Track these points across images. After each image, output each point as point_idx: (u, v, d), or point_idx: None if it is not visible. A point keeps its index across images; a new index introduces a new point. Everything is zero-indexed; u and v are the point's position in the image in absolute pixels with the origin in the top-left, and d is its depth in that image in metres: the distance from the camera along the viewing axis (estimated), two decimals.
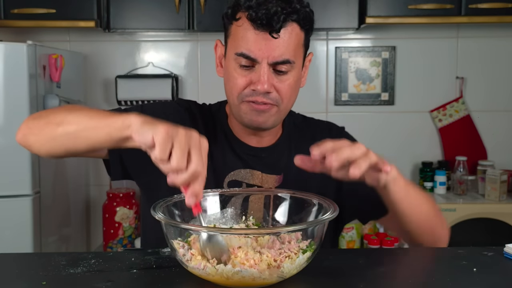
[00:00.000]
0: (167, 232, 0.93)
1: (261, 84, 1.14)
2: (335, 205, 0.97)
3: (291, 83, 1.18)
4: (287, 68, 1.16)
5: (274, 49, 1.13)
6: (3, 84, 2.19)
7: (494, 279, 0.95)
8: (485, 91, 2.97)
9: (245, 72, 1.17)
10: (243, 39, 1.15)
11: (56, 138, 1.05)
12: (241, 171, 1.25)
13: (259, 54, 1.14)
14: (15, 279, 0.97)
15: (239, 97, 1.18)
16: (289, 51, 1.15)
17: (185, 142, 0.87)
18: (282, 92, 1.17)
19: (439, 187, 2.79)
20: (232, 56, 1.17)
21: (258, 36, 1.13)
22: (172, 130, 0.88)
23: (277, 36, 1.12)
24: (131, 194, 2.73)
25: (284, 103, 1.20)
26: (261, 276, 0.86)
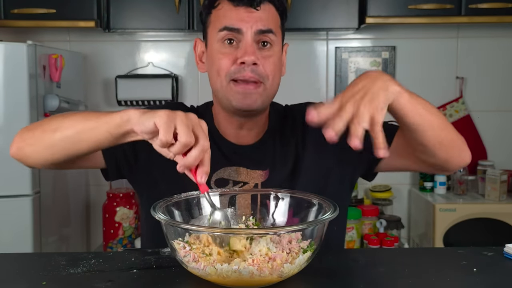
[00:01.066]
0: (167, 232, 0.93)
1: (248, 55, 1.17)
2: (335, 205, 0.97)
3: (274, 60, 1.21)
4: (271, 39, 1.19)
5: (257, 19, 1.18)
6: (3, 84, 2.19)
7: (494, 279, 0.95)
8: (485, 91, 2.97)
9: (230, 49, 1.19)
10: (224, 17, 1.19)
11: (55, 144, 1.05)
12: (227, 169, 1.25)
13: (243, 24, 1.18)
14: (15, 279, 0.97)
15: (227, 76, 1.20)
16: (271, 23, 1.20)
17: (187, 121, 0.90)
18: (267, 68, 1.19)
19: (439, 187, 2.79)
20: (216, 37, 1.20)
21: (239, 10, 1.18)
22: (171, 112, 0.90)
23: (258, 8, 1.18)
24: (131, 194, 2.72)
25: (270, 81, 1.21)
26: (260, 276, 0.86)
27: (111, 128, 0.97)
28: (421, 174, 2.89)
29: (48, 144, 1.06)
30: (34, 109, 2.24)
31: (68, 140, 1.04)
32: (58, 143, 1.05)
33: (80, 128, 1.02)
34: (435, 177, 2.81)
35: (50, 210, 2.40)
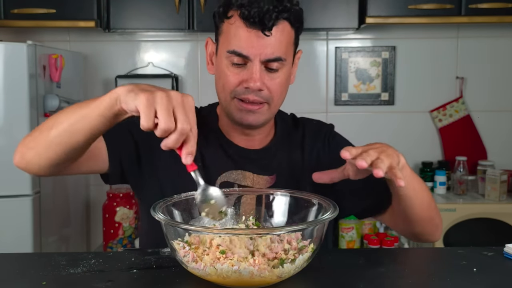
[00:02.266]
0: (167, 232, 0.93)
1: (253, 82, 1.16)
2: (335, 205, 0.97)
3: (281, 80, 1.20)
4: (278, 66, 1.18)
5: (266, 46, 1.15)
6: (3, 84, 2.19)
7: (494, 279, 0.95)
8: (485, 91, 2.97)
9: (237, 70, 1.18)
10: (235, 37, 1.16)
11: (53, 141, 1.04)
12: (232, 172, 1.25)
13: (251, 52, 1.15)
14: (15, 279, 0.97)
15: (231, 94, 1.19)
16: (280, 49, 1.16)
17: (167, 103, 0.88)
18: (273, 90, 1.19)
19: (439, 187, 2.79)
20: (224, 54, 1.18)
21: (251, 34, 1.14)
22: (152, 96, 0.89)
23: (269, 34, 1.14)
24: (131, 194, 2.72)
25: (275, 101, 1.21)
26: (260, 276, 0.86)
27: (102, 111, 0.96)
28: (421, 174, 2.89)
29: (47, 142, 1.05)
30: (34, 109, 2.24)
31: (64, 134, 1.03)
32: (56, 139, 1.04)
33: (74, 119, 1.01)
34: (435, 177, 2.81)
35: (50, 210, 2.40)
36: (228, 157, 1.26)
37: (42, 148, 1.07)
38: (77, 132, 1.01)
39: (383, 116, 3.00)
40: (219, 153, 1.27)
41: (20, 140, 1.16)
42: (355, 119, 2.97)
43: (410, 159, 3.00)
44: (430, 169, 2.86)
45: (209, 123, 1.30)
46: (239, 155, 1.27)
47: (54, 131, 1.03)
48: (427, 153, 2.98)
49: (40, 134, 1.07)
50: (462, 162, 2.80)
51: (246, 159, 1.27)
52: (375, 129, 2.97)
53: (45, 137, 1.05)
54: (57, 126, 1.03)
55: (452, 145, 2.96)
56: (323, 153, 1.31)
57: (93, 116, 0.98)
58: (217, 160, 1.26)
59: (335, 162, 1.17)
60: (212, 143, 1.27)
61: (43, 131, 1.06)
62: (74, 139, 1.03)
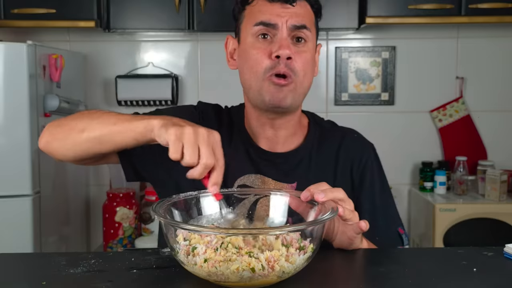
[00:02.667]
0: (166, 233, 0.93)
1: (282, 49, 1.17)
2: (335, 205, 0.97)
3: (307, 56, 1.21)
4: (305, 35, 1.20)
5: (292, 15, 1.19)
6: (3, 84, 2.19)
7: (494, 279, 0.95)
8: (485, 91, 2.98)
9: (265, 44, 1.19)
10: (260, 12, 1.20)
11: (82, 144, 1.11)
12: (251, 176, 1.24)
13: (278, 19, 1.18)
14: (15, 279, 0.97)
15: (263, 72, 1.18)
16: (306, 19, 1.20)
17: (194, 139, 0.95)
18: (300, 63, 1.19)
19: (439, 187, 2.79)
20: (250, 32, 1.20)
21: (274, 6, 1.19)
22: (180, 131, 0.95)
23: (294, 4, 1.18)
24: (131, 194, 2.72)
25: (301, 78, 1.20)
26: (260, 276, 0.86)
27: (136, 135, 1.03)
28: (421, 174, 2.90)
29: (75, 142, 1.11)
30: (34, 109, 2.24)
31: (94, 141, 1.09)
32: (84, 143, 1.10)
33: (107, 132, 1.07)
34: (435, 177, 2.81)
35: (50, 210, 2.40)
36: (250, 159, 1.26)
37: (69, 146, 1.13)
38: (107, 143, 1.08)
39: (383, 116, 3.00)
40: (242, 155, 1.27)
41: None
42: (355, 119, 2.97)
43: (410, 159, 3.00)
44: (430, 169, 2.86)
45: (236, 123, 1.30)
46: (262, 158, 1.26)
47: (85, 136, 1.09)
48: (427, 153, 2.98)
49: (70, 132, 1.12)
50: (462, 162, 2.80)
51: (268, 163, 1.26)
52: (375, 129, 2.97)
53: (75, 137, 1.11)
54: (89, 131, 1.09)
55: (452, 145, 2.96)
56: (354, 176, 1.29)
57: (126, 136, 1.05)
58: (238, 162, 1.25)
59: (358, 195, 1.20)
60: (235, 144, 1.28)
61: (73, 129, 1.11)
62: (102, 147, 1.10)
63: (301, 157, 1.28)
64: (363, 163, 1.30)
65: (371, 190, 1.28)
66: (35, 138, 2.25)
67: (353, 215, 1.02)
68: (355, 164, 1.29)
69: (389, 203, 1.33)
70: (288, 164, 1.27)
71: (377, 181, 1.31)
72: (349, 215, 1.01)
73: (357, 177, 1.29)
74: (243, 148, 1.27)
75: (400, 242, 1.27)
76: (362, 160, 1.30)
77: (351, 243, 1.07)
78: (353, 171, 1.29)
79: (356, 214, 1.04)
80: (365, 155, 1.31)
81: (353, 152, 1.30)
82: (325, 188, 1.01)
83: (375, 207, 1.24)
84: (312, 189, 1.00)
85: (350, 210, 1.02)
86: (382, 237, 1.19)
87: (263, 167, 1.25)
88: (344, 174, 1.28)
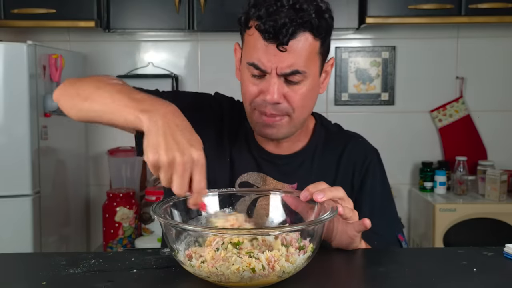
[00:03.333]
0: (166, 233, 0.93)
1: (270, 95, 1.13)
2: (335, 205, 0.97)
3: (303, 92, 1.16)
4: (299, 79, 1.14)
5: (283, 60, 1.11)
6: (3, 84, 2.19)
7: (494, 279, 0.95)
8: (485, 91, 2.97)
9: (257, 81, 1.16)
10: (254, 49, 1.13)
11: (83, 111, 1.09)
12: (254, 174, 1.24)
13: (268, 65, 1.12)
14: (15, 279, 0.97)
15: (251, 104, 1.18)
16: (299, 62, 1.12)
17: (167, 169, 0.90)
18: (294, 102, 1.16)
19: (439, 187, 2.79)
20: (245, 64, 1.17)
21: (268, 48, 1.11)
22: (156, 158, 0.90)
23: (283, 50, 1.10)
24: (131, 194, 2.72)
25: (297, 112, 1.18)
26: (260, 276, 0.86)
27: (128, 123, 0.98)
28: (421, 174, 2.90)
29: (78, 108, 1.10)
30: (34, 109, 2.24)
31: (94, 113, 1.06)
32: (86, 112, 1.08)
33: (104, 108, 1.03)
34: (435, 177, 2.81)
35: (50, 210, 2.40)
36: (253, 158, 1.26)
37: (73, 109, 1.11)
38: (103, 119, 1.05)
39: (383, 116, 3.00)
40: (245, 153, 1.27)
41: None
42: (355, 119, 2.97)
43: (410, 159, 3.00)
44: (430, 169, 2.86)
45: (244, 121, 1.29)
46: (264, 158, 1.26)
47: (86, 105, 1.07)
48: (427, 153, 2.98)
49: (76, 97, 1.10)
50: (462, 162, 2.80)
51: (270, 163, 1.26)
52: (375, 129, 2.97)
53: (78, 103, 1.09)
54: (90, 102, 1.06)
55: (452, 145, 2.96)
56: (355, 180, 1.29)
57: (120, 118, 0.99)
58: (241, 159, 1.26)
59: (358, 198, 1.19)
60: (239, 142, 1.28)
61: (79, 94, 1.09)
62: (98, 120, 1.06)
63: (304, 159, 1.28)
64: (365, 167, 1.29)
65: (372, 195, 1.28)
66: (35, 138, 2.25)
67: (353, 213, 1.02)
68: (357, 168, 1.29)
69: (390, 209, 1.32)
70: (290, 166, 1.27)
71: (378, 185, 1.30)
72: (349, 214, 1.01)
73: (358, 181, 1.28)
74: (247, 147, 1.28)
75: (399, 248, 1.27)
76: (364, 165, 1.29)
77: (351, 242, 1.07)
78: (354, 176, 1.29)
79: (356, 213, 1.03)
80: (368, 160, 1.30)
81: (355, 157, 1.30)
82: (324, 188, 1.00)
83: (374, 211, 1.24)
84: (310, 188, 1.00)
85: (350, 209, 1.02)
86: (380, 242, 1.19)
87: (265, 167, 1.26)
88: (345, 178, 1.28)
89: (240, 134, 1.29)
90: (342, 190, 1.02)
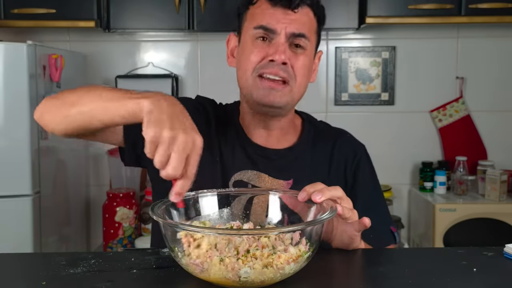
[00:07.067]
0: (165, 233, 0.93)
1: (278, 54, 1.18)
2: (334, 205, 0.97)
3: (304, 61, 1.22)
4: (303, 44, 1.21)
5: (292, 22, 1.20)
6: (3, 84, 2.19)
7: (494, 279, 0.95)
8: (485, 91, 2.97)
9: (263, 45, 1.21)
10: (261, 15, 1.21)
11: (71, 118, 1.06)
12: (247, 172, 1.25)
13: (278, 26, 1.19)
14: (15, 279, 0.97)
15: (254, 70, 1.20)
16: (305, 27, 1.21)
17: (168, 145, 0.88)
18: (296, 68, 1.21)
19: (439, 187, 2.79)
20: (250, 33, 1.22)
21: (276, 11, 1.20)
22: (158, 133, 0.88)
23: (296, 11, 1.19)
24: (131, 194, 2.72)
25: (297, 82, 1.22)
26: (260, 277, 0.86)
27: (125, 114, 0.97)
28: (421, 174, 2.90)
29: (65, 116, 1.07)
30: (34, 109, 2.23)
31: (83, 116, 1.04)
32: (74, 117, 1.06)
33: (96, 107, 1.02)
34: (435, 177, 2.81)
35: (50, 210, 2.40)
36: (246, 155, 1.27)
37: (60, 119, 1.09)
38: (96, 119, 1.03)
39: (383, 116, 3.00)
40: (237, 151, 1.27)
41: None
42: (355, 119, 2.97)
43: (410, 159, 3.00)
44: (430, 169, 2.86)
45: (231, 120, 1.31)
46: (257, 154, 1.27)
47: (74, 110, 1.05)
48: (427, 153, 2.98)
49: (62, 105, 1.08)
50: (462, 162, 2.80)
51: (264, 159, 1.27)
52: (375, 129, 2.97)
53: (65, 111, 1.07)
54: (78, 106, 1.05)
55: (452, 145, 2.96)
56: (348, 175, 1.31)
57: (115, 113, 0.98)
58: (234, 158, 1.26)
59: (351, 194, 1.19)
60: (231, 140, 1.28)
61: (65, 103, 1.08)
62: (91, 123, 1.04)
63: (297, 155, 1.29)
64: (356, 163, 1.32)
65: (364, 190, 1.30)
66: (35, 138, 2.25)
67: (352, 213, 1.02)
68: (348, 164, 1.32)
69: (382, 202, 1.35)
70: (284, 161, 1.28)
71: (369, 180, 1.34)
72: (348, 214, 1.01)
73: (350, 176, 1.31)
74: (239, 144, 1.28)
75: (393, 240, 1.28)
76: (354, 160, 1.32)
77: (351, 241, 1.07)
78: (346, 171, 1.31)
79: (355, 212, 1.03)
80: (358, 155, 1.33)
81: (346, 152, 1.32)
82: (322, 188, 1.01)
83: (368, 206, 1.25)
84: (308, 189, 1.00)
85: (349, 209, 1.02)
86: (376, 235, 1.19)
87: (260, 163, 1.26)
88: (337, 173, 1.30)
89: (230, 133, 1.29)
90: (340, 190, 1.02)
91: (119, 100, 0.98)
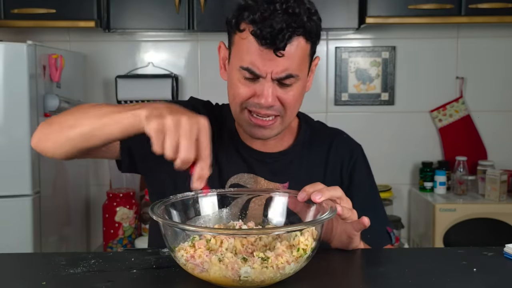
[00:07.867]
0: (165, 233, 0.93)
1: (264, 98, 1.14)
2: (333, 205, 0.97)
3: (295, 93, 1.18)
4: (291, 81, 1.16)
5: (278, 65, 1.12)
6: (3, 84, 2.19)
7: (494, 279, 0.95)
8: (485, 91, 2.97)
9: (249, 83, 1.16)
10: (247, 53, 1.13)
11: (71, 140, 1.08)
12: (244, 175, 1.24)
13: (263, 70, 1.13)
14: (15, 279, 0.97)
15: (242, 105, 1.19)
16: (293, 66, 1.14)
17: (174, 132, 0.90)
18: (286, 103, 1.18)
19: (439, 187, 2.79)
20: (236, 67, 1.16)
21: (263, 52, 1.11)
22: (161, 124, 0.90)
23: (280, 55, 1.11)
24: (131, 194, 2.72)
25: (288, 113, 1.20)
26: (260, 276, 0.86)
27: (124, 126, 0.99)
28: (421, 174, 2.90)
29: (65, 139, 1.09)
30: (34, 109, 2.24)
31: (83, 137, 1.06)
32: (74, 140, 1.07)
33: (95, 125, 1.03)
34: (435, 177, 2.81)
35: (50, 210, 2.40)
36: (241, 159, 1.26)
37: (59, 143, 1.10)
38: (96, 137, 1.05)
39: (383, 116, 3.00)
40: (233, 154, 1.27)
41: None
42: (355, 119, 2.97)
43: (410, 159, 3.00)
44: (430, 169, 2.86)
45: (226, 122, 1.30)
46: (253, 158, 1.27)
47: (74, 132, 1.06)
48: (427, 153, 2.98)
49: (60, 129, 1.10)
50: (462, 162, 2.80)
51: (260, 163, 1.26)
52: (375, 129, 2.97)
53: (65, 134, 1.08)
54: (78, 127, 1.06)
55: (452, 145, 2.96)
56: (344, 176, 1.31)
57: (115, 128, 1.00)
58: (230, 161, 1.26)
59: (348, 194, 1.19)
60: (226, 143, 1.28)
61: (63, 127, 1.09)
62: (92, 142, 1.06)
63: (292, 157, 1.29)
64: (352, 163, 1.32)
65: (361, 190, 1.30)
66: None
67: (352, 213, 1.02)
68: (345, 164, 1.31)
69: (378, 202, 1.35)
70: (279, 164, 1.28)
71: (366, 181, 1.33)
72: (348, 214, 1.01)
73: (346, 177, 1.31)
74: (234, 147, 1.28)
75: (389, 240, 1.28)
76: (351, 161, 1.32)
77: (350, 242, 1.07)
78: (342, 171, 1.31)
79: (355, 212, 1.03)
80: (354, 156, 1.33)
81: (342, 153, 1.32)
82: (322, 188, 1.00)
83: (365, 206, 1.24)
84: (308, 189, 1.00)
85: (349, 209, 1.02)
86: (373, 235, 1.19)
87: (255, 166, 1.26)
88: (333, 174, 1.30)
89: (225, 136, 1.29)
90: (340, 190, 1.02)
91: (117, 115, 0.99)
